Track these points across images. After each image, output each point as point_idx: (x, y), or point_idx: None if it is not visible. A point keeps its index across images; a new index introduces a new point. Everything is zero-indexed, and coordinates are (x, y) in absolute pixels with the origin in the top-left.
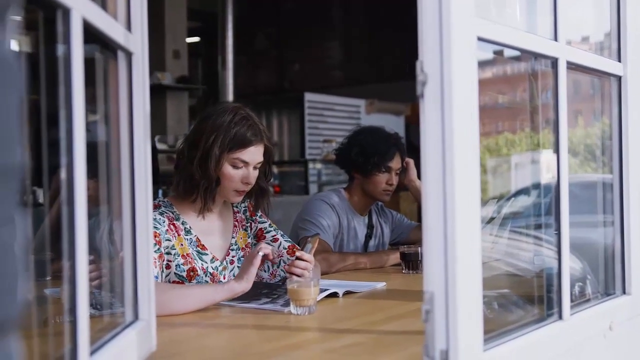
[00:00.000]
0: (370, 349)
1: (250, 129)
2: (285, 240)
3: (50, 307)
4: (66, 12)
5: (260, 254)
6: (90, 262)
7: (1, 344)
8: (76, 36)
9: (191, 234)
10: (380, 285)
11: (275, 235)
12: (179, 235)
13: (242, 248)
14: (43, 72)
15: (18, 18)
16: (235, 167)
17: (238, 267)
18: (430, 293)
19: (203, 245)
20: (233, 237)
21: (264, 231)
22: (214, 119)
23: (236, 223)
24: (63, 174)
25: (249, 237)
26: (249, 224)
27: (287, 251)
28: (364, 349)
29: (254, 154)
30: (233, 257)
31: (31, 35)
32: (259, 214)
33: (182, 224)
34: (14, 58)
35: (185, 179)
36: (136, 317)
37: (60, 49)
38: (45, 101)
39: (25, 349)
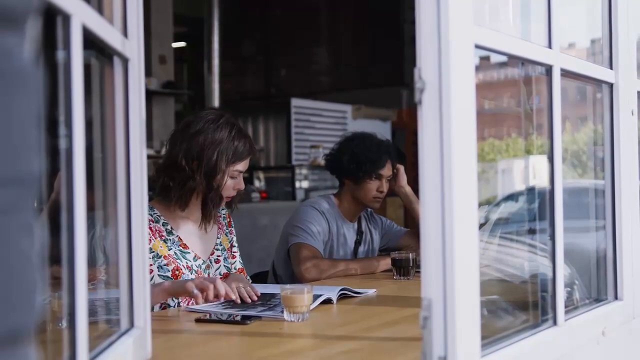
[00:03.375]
0: (367, 355)
1: (248, 142)
2: (239, 262)
3: (44, 316)
4: (66, 18)
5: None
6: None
7: (20, 352)
8: (76, 42)
9: (173, 234)
10: (371, 292)
11: (236, 252)
12: (160, 236)
13: (227, 249)
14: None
15: (36, 27)
16: (232, 177)
17: (224, 266)
18: (428, 300)
19: (185, 244)
20: (218, 238)
21: (232, 244)
22: (212, 135)
23: (220, 225)
24: (63, 181)
25: (228, 242)
26: (229, 230)
27: (236, 271)
28: (361, 356)
29: (247, 163)
30: (218, 256)
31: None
32: (232, 226)
33: (163, 225)
34: (34, 67)
35: (188, 191)
36: (132, 324)
37: (59, 55)
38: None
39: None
